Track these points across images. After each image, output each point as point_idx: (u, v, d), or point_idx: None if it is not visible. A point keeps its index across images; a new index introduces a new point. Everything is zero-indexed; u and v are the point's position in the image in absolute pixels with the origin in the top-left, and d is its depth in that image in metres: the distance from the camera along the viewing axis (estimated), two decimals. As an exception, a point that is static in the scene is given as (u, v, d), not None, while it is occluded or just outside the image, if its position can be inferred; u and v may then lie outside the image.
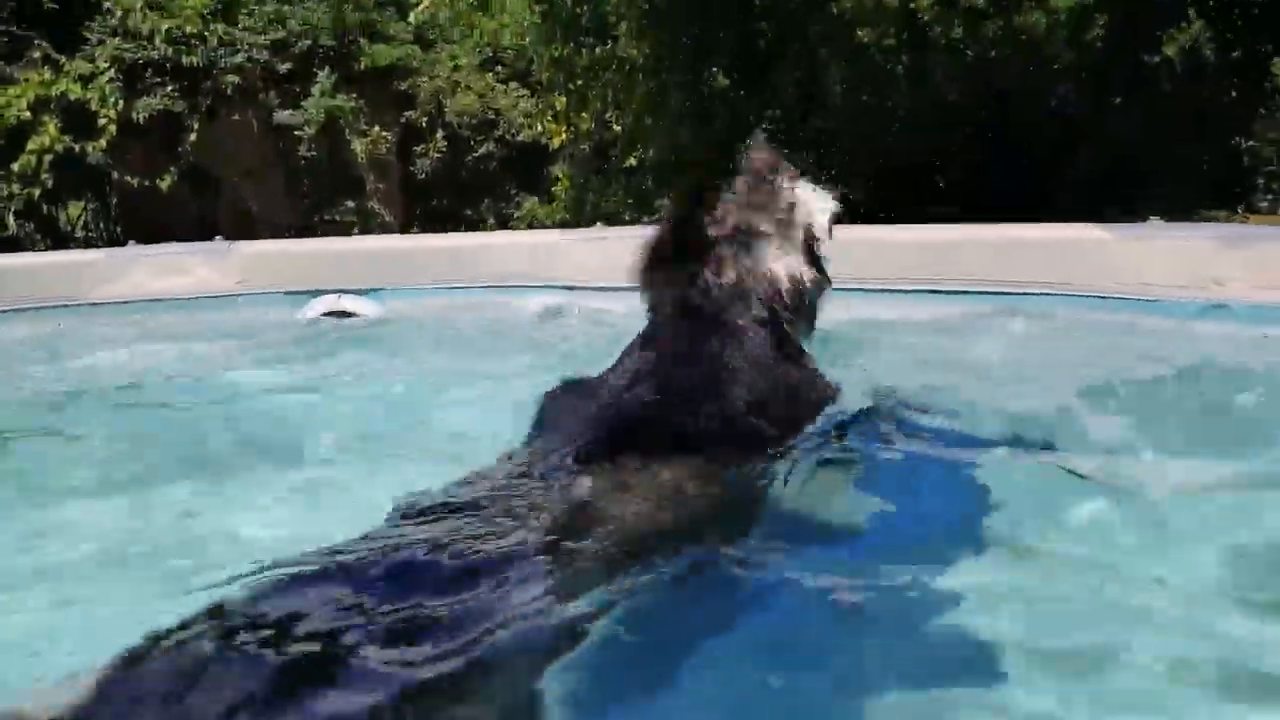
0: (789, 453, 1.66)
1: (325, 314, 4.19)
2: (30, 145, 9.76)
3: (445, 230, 10.51)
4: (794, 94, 9.34)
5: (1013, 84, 9.95)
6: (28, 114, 9.80)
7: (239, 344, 3.58)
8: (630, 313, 1.89)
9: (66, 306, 3.79)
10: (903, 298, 3.47)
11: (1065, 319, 3.11)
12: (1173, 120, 9.62)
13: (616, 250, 2.15)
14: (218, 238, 4.51)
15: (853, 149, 9.39)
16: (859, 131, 9.56)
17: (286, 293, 4.02)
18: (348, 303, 4.26)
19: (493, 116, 11.94)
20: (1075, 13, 9.23)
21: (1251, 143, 11.51)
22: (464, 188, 12.17)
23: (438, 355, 3.18)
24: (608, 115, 9.85)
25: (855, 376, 2.04)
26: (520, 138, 11.84)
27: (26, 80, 9.98)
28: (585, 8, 9.02)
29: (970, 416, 2.00)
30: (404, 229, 11.79)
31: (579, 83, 9.43)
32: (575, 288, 3.78)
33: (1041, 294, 3.20)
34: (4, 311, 3.67)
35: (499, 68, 12.27)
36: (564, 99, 9.80)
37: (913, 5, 9.49)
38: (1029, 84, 10.16)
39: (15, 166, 9.75)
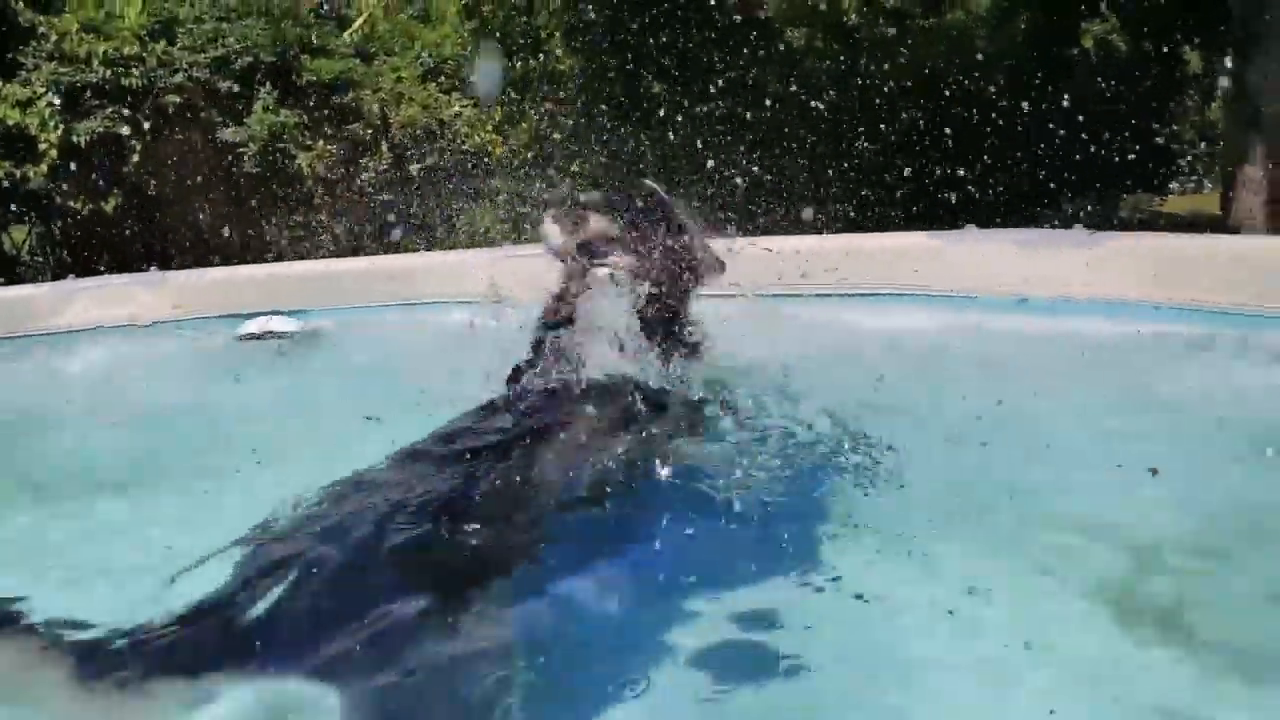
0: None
1: (254, 334, 4.39)
2: (-32, 172, 9.75)
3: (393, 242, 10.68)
4: (729, 98, 9.62)
5: (938, 79, 10.27)
6: (-34, 141, 9.79)
7: (176, 365, 3.79)
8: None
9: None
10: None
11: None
12: (1092, 110, 9.97)
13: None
14: (152, 268, 4.65)
15: (785, 150, 9.67)
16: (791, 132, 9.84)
17: (220, 316, 4.21)
18: (276, 323, 4.46)
19: (437, 127, 12.07)
20: (995, 11, 9.62)
21: (1173, 127, 11.99)
22: (411, 197, 12.29)
23: (361, 368, 3.41)
24: (543, 126, 10.08)
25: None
26: (465, 146, 11.98)
27: (-37, 107, 9.96)
28: (517, 23, 9.24)
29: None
30: (354, 240, 11.91)
31: (514, 95, 9.65)
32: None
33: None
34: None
35: (441, 78, 12.40)
36: (499, 110, 10.01)
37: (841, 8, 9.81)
38: (954, 78, 10.48)
39: (-44, 195, 9.75)
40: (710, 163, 10.08)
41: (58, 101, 10.36)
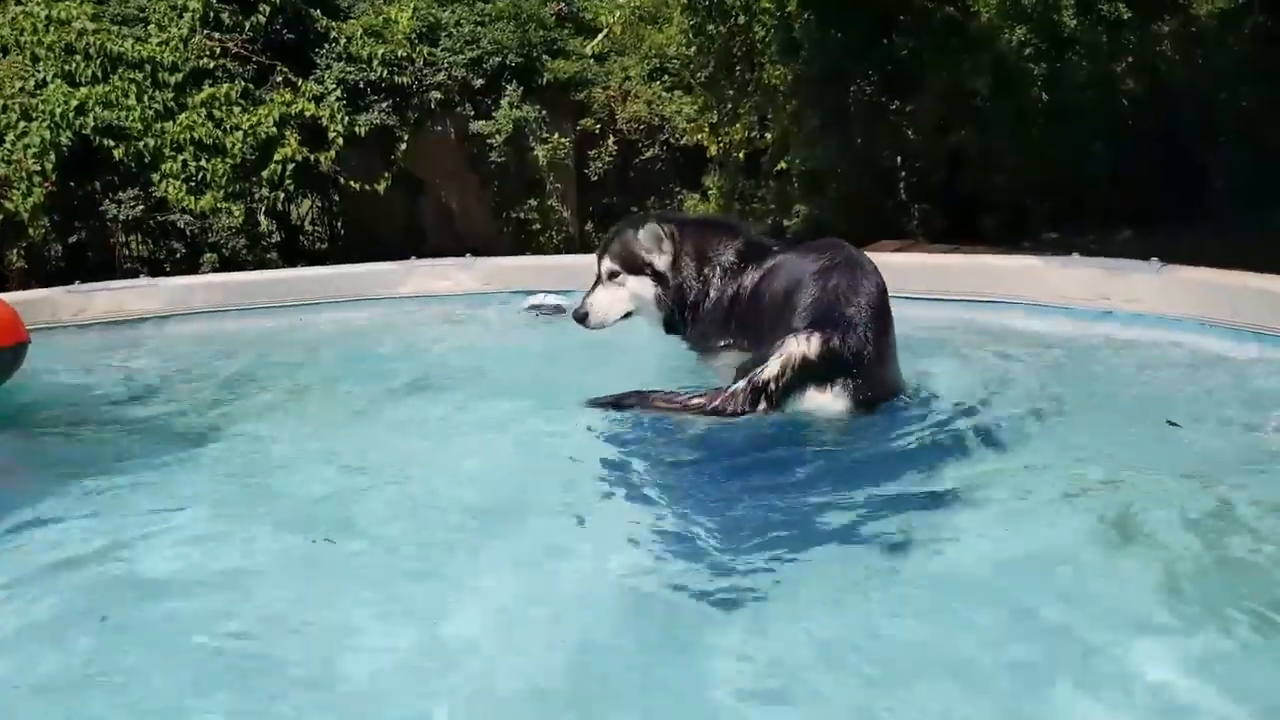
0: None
1: (536, 306, 5.56)
2: (276, 156, 11.65)
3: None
4: (939, 106, 10.09)
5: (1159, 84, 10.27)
6: (274, 129, 11.68)
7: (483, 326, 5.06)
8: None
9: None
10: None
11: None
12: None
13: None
14: (467, 254, 5.91)
15: (990, 157, 10.04)
16: (1001, 137, 10.16)
17: (513, 291, 5.44)
18: (553, 299, 5.61)
19: (659, 122, 13.15)
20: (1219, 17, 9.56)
21: None
22: (632, 187, 13.47)
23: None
24: (753, 132, 10.92)
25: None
26: (684, 142, 13.00)
27: (272, 101, 11.88)
28: (737, 40, 10.10)
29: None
30: (579, 226, 13.22)
31: (729, 105, 10.53)
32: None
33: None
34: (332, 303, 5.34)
35: (666, 76, 13.46)
36: (716, 115, 10.93)
37: (1055, 18, 10.01)
38: (1177, 85, 10.44)
39: (264, 174, 11.67)
40: (913, 165, 10.65)
41: (344, 96, 12.15)
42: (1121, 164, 10.31)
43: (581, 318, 3.36)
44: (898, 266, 4.86)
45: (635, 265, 3.29)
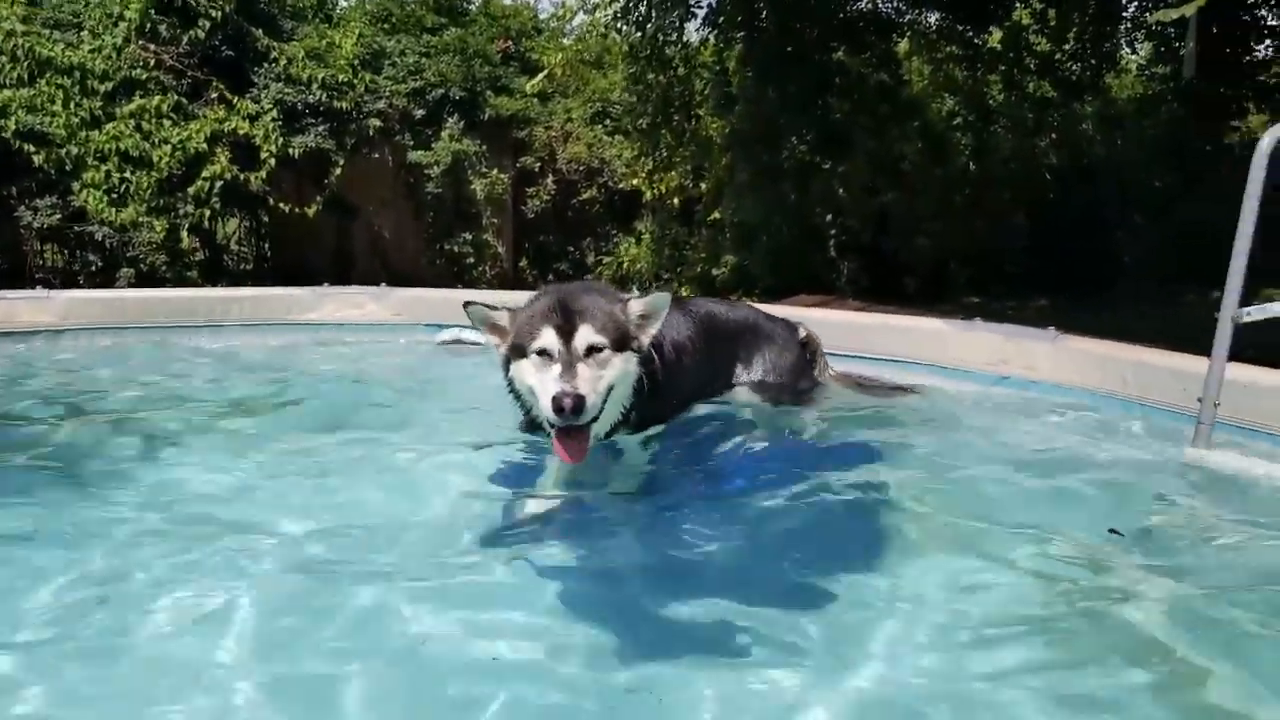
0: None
1: (450, 341, 5.47)
2: (205, 173, 11.40)
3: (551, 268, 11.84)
4: (869, 168, 10.35)
5: (1078, 162, 10.69)
6: (204, 146, 11.45)
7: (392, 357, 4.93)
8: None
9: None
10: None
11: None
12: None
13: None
14: (381, 284, 5.81)
15: (915, 221, 10.32)
16: (927, 202, 10.46)
17: (426, 325, 5.36)
18: (466, 334, 5.54)
19: (598, 165, 13.25)
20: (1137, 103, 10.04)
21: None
22: (569, 227, 13.51)
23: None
24: (687, 181, 11.08)
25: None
26: (621, 185, 13.10)
27: (204, 117, 11.66)
28: (674, 91, 10.28)
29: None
30: (514, 261, 13.17)
31: (664, 152, 10.68)
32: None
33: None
34: (235, 326, 5.16)
35: (608, 120, 13.59)
36: (652, 161, 11.07)
37: (984, 90, 10.39)
38: (1096, 163, 10.88)
39: (191, 190, 11.41)
40: (843, 223, 10.89)
41: (280, 117, 11.99)
42: (1040, 234, 10.67)
43: (578, 407, 2.50)
44: (818, 321, 4.92)
45: (625, 340, 2.76)
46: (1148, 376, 3.83)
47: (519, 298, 2.94)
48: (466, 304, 2.86)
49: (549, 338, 2.64)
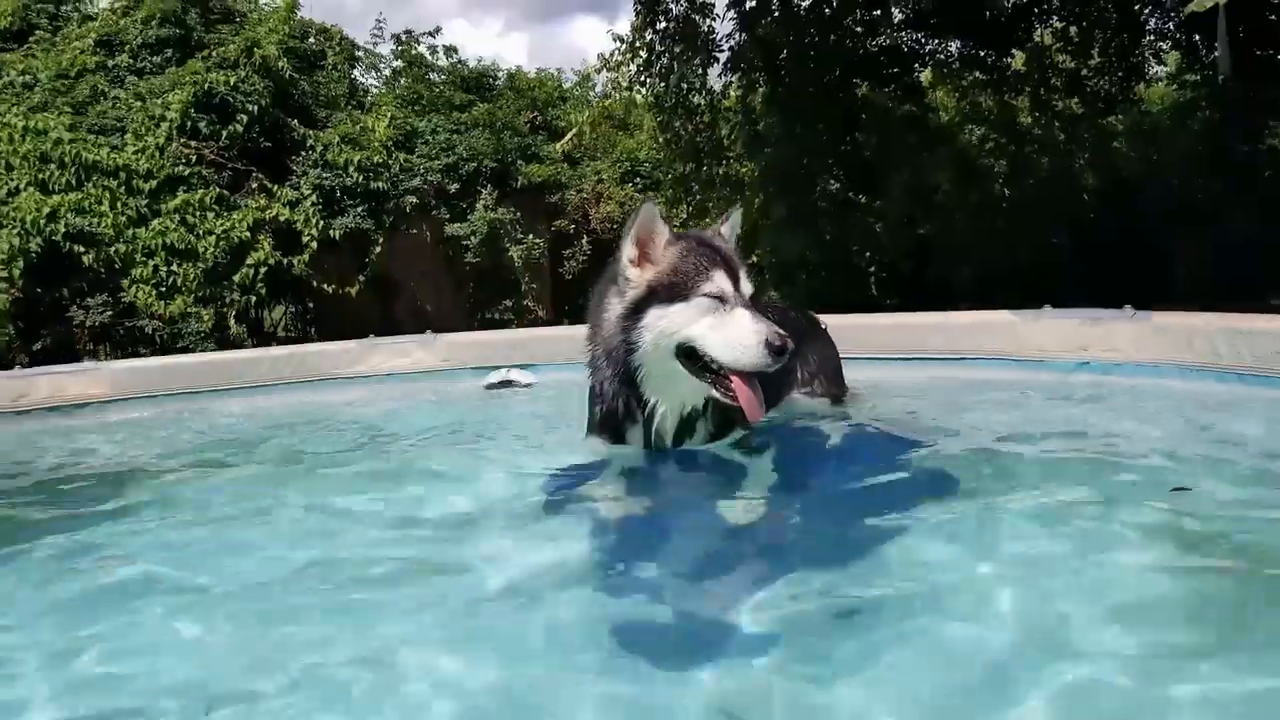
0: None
1: (499, 383, 5.39)
2: (249, 260, 11.65)
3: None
4: (903, 201, 10.26)
5: (1116, 176, 10.51)
6: (247, 234, 11.72)
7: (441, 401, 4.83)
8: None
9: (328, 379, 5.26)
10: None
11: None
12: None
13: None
14: (428, 331, 5.78)
15: (957, 250, 10.16)
16: (966, 229, 10.32)
17: (473, 368, 5.26)
18: (515, 374, 5.45)
19: (632, 223, 13.32)
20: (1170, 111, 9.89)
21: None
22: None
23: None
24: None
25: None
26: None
27: (246, 206, 11.95)
28: (702, 137, 10.35)
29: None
30: (555, 324, 13.18)
31: (698, 197, 10.72)
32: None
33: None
34: (288, 384, 5.13)
35: (637, 179, 13.72)
36: (685, 208, 11.11)
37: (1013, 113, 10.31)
38: (1131, 177, 10.69)
39: (236, 278, 11.63)
40: (881, 259, 10.77)
41: (319, 201, 12.26)
42: (1084, 252, 10.44)
43: (786, 348, 2.36)
44: (865, 326, 4.78)
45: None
46: (1241, 343, 3.61)
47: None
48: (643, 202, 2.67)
49: (722, 281, 2.44)
